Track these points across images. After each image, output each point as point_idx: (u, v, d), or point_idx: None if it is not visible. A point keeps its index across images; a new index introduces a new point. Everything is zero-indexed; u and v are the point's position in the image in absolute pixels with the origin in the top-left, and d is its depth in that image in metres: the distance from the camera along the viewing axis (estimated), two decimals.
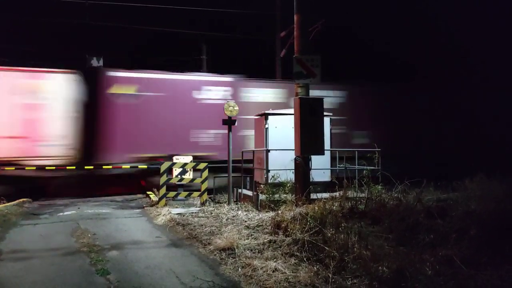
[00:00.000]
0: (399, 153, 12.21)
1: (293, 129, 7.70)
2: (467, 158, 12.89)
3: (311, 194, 7.54)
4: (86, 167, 11.31)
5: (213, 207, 8.82)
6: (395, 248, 4.87)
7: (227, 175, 9.57)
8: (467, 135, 14.54)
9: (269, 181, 8.66)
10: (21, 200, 10.51)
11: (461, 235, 4.96)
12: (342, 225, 5.45)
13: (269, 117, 9.48)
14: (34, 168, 10.86)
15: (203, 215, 8.06)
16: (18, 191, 10.49)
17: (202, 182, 9.79)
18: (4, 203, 9.69)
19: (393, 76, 19.37)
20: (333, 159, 9.73)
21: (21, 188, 10.61)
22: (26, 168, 10.80)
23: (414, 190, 7.03)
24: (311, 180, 7.76)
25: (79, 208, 9.93)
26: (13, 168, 10.70)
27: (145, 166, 11.97)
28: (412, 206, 6.32)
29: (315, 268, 4.52)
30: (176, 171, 10.25)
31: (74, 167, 11.19)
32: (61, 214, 9.09)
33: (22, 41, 19.64)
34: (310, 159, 7.73)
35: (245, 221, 6.97)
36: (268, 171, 8.89)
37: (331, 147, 9.59)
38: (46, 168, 10.93)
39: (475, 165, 8.83)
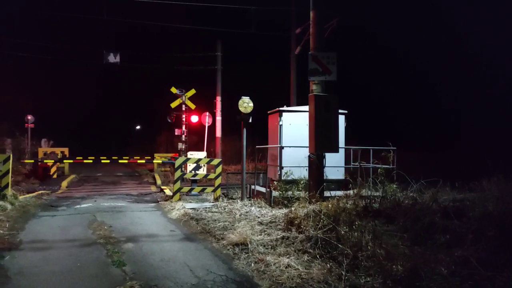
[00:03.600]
0: None
1: (307, 126, 7.68)
2: None
3: (325, 192, 7.51)
4: None
5: (226, 202, 8.88)
6: (410, 248, 4.82)
7: None
8: None
9: (282, 178, 8.66)
10: (39, 192, 10.81)
11: (478, 236, 4.86)
12: (356, 223, 5.41)
13: (283, 114, 9.46)
14: None
15: (217, 210, 8.13)
16: None
17: (216, 178, 9.86)
18: (23, 194, 9.97)
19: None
20: (347, 156, 9.67)
21: None
22: None
23: (430, 190, 6.93)
24: (325, 177, 7.73)
25: (95, 201, 10.13)
26: None
27: (160, 161, 12.21)
28: (428, 206, 6.23)
29: (328, 265, 4.51)
30: (190, 166, 10.36)
31: None
32: (78, 206, 9.29)
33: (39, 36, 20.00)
34: (324, 157, 7.70)
35: (258, 217, 6.99)
36: (281, 168, 8.89)
37: (345, 145, 9.53)
38: None
39: None
